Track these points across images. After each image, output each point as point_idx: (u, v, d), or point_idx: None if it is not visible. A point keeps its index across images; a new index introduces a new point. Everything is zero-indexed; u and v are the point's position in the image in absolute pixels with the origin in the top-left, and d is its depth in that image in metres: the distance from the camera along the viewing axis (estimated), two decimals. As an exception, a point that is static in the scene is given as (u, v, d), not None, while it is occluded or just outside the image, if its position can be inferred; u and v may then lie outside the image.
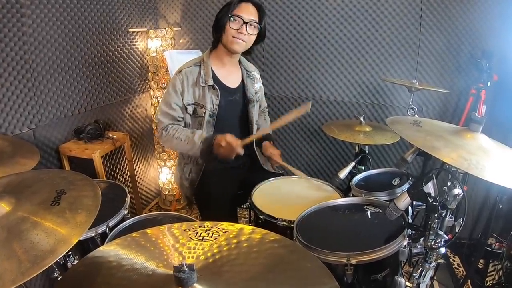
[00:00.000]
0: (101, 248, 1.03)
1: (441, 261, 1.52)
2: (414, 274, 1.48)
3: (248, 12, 1.79)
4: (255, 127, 2.06)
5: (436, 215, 1.22)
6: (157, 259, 0.93)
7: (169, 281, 0.81)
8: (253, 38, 1.86)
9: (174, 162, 3.09)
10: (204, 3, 2.90)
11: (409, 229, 1.25)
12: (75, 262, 1.53)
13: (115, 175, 2.79)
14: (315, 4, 2.63)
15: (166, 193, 3.26)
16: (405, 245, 1.22)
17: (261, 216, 1.60)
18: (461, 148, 1.15)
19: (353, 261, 1.14)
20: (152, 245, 1.01)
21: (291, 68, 2.85)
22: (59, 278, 1.45)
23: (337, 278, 1.13)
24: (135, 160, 3.05)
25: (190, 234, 1.05)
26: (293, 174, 1.93)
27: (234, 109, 1.98)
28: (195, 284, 0.80)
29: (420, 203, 1.42)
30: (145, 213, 3.16)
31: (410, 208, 1.38)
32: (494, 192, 2.31)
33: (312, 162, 3.06)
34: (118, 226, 1.63)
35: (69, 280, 0.97)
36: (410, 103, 2.04)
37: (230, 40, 1.80)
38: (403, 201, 1.22)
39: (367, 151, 2.10)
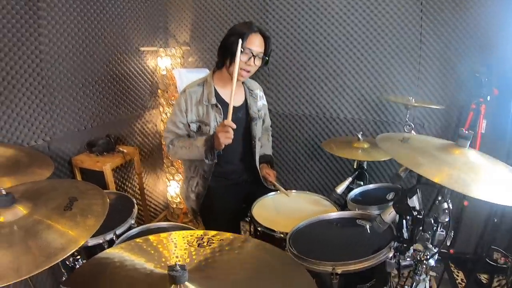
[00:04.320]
0: (107, 250, 1.11)
1: (433, 274, 1.55)
2: (406, 287, 1.52)
3: (257, 45, 1.88)
4: (258, 143, 2.14)
5: (421, 228, 1.25)
6: (155, 261, 1.01)
7: (164, 279, 0.89)
8: (258, 67, 1.95)
9: (182, 176, 3.17)
10: (211, 23, 3.03)
11: (396, 242, 1.29)
12: (83, 265, 1.62)
13: (125, 187, 2.89)
14: (317, 24, 2.73)
15: (174, 206, 3.34)
16: (391, 257, 1.26)
17: (259, 228, 1.67)
18: (445, 163, 1.19)
19: (339, 270, 1.20)
20: (152, 249, 1.09)
21: (295, 86, 2.93)
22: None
23: (325, 286, 1.19)
24: (144, 174, 3.15)
25: (188, 241, 1.13)
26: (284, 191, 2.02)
27: (238, 126, 2.06)
28: (186, 283, 0.87)
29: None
30: (153, 225, 3.25)
31: (404, 221, 1.42)
32: (495, 207, 2.32)
33: (314, 177, 3.12)
34: (125, 234, 1.71)
35: (78, 276, 1.06)
36: (407, 119, 2.10)
37: (238, 72, 1.90)
38: (389, 214, 1.27)
39: (365, 167, 2.15)
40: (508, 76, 2.34)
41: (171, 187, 3.30)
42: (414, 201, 1.24)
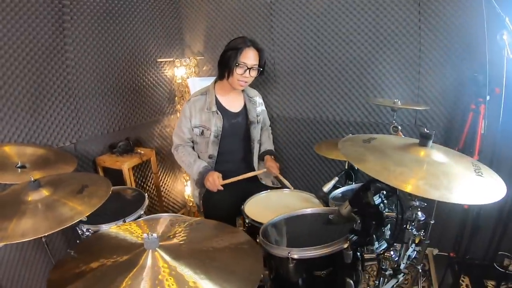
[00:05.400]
0: (109, 228, 1.37)
1: (406, 271, 1.62)
2: (376, 281, 1.63)
3: (252, 58, 2.10)
4: (256, 145, 2.35)
5: (374, 222, 1.33)
6: (141, 236, 1.24)
7: (141, 246, 1.11)
8: (254, 77, 2.18)
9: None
10: (223, 34, 3.26)
11: (353, 235, 1.37)
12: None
13: (143, 184, 3.17)
14: (318, 31, 2.88)
15: (191, 204, 3.59)
16: (348, 248, 1.34)
17: (247, 221, 1.85)
18: (392, 161, 1.24)
19: (295, 256, 1.33)
20: (141, 228, 1.33)
21: (300, 91, 3.10)
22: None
23: (284, 270, 1.35)
24: (163, 174, 3.43)
25: (172, 223, 1.35)
26: (285, 185, 2.19)
27: (237, 130, 2.30)
28: (157, 249, 1.09)
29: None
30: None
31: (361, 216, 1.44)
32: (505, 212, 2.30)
33: (309, 177, 3.30)
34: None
35: (83, 245, 1.37)
36: (393, 121, 2.19)
37: (236, 83, 2.14)
38: (345, 208, 1.37)
39: (355, 167, 2.25)
40: (508, 75, 2.17)
41: (188, 187, 3.56)
42: (369, 196, 1.32)
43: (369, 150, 1.36)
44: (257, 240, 1.47)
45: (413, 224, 1.56)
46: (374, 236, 1.40)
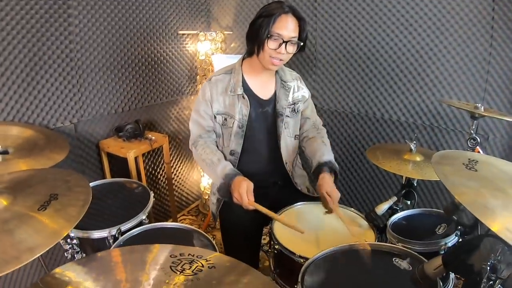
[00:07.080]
0: (70, 265, 0.97)
1: None
2: None
3: (289, 29, 1.61)
4: (286, 142, 1.90)
5: None
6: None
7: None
8: (292, 54, 1.69)
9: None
10: (256, 7, 2.80)
11: None
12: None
13: (155, 173, 2.83)
14: (372, 10, 2.39)
15: (206, 197, 3.23)
16: None
17: (277, 246, 1.46)
18: None
19: None
20: (116, 271, 0.93)
21: (344, 80, 2.64)
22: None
23: None
24: (178, 162, 3.08)
25: (172, 263, 0.95)
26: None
27: (264, 123, 1.83)
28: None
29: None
30: (183, 215, 3.19)
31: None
32: None
33: (354, 187, 2.82)
34: (131, 231, 1.61)
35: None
36: (472, 132, 1.71)
37: (267, 60, 1.66)
38: (434, 270, 0.94)
39: (415, 184, 1.81)
40: None
41: (204, 177, 3.19)
42: (476, 258, 0.91)
43: (485, 187, 0.92)
44: None
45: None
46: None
